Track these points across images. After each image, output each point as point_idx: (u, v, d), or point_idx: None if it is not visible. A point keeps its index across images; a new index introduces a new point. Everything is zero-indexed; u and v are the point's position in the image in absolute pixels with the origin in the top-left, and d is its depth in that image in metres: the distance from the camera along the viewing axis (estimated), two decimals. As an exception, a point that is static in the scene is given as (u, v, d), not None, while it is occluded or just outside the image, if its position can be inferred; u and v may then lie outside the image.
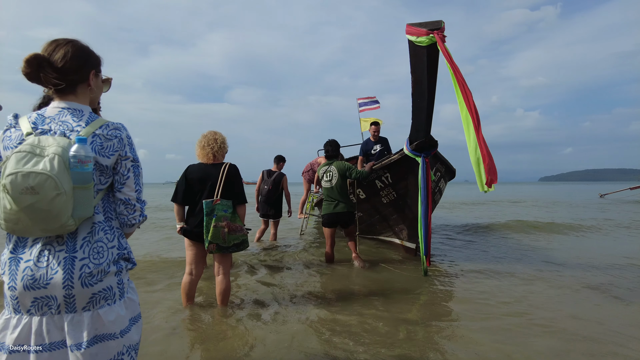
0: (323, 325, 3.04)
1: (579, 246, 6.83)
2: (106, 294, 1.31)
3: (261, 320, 3.16)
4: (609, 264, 5.17)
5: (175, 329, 2.97)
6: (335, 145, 5.37)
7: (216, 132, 3.33)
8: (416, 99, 4.00)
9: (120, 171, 1.40)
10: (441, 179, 5.92)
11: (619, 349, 2.58)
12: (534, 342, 2.68)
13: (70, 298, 1.25)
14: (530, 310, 3.31)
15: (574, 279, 4.38)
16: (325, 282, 4.42)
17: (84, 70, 1.39)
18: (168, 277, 4.56)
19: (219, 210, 3.07)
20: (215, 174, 3.19)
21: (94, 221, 1.33)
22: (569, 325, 2.99)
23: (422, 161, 4.38)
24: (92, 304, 1.28)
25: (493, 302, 3.56)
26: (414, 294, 3.88)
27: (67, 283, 1.24)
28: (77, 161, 1.22)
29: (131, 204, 1.43)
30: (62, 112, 1.34)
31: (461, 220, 11.13)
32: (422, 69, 3.68)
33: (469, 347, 2.60)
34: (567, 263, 5.28)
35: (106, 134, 1.35)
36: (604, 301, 3.63)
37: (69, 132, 1.31)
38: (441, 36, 3.34)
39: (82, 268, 1.26)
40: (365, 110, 10.42)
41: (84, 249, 1.29)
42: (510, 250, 6.39)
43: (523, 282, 4.26)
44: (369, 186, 5.48)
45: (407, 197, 5.24)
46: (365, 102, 10.44)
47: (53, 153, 1.19)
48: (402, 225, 5.65)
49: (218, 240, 3.05)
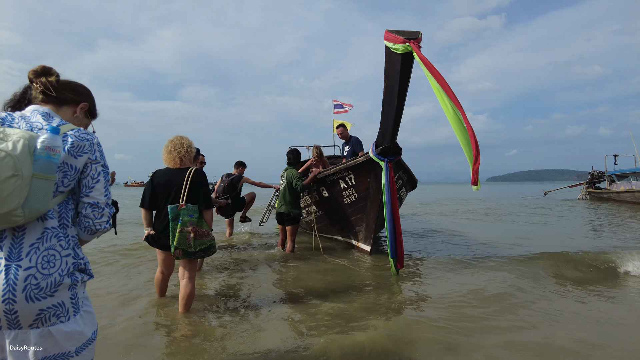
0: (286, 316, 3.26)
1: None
2: (57, 310, 1.15)
3: (223, 318, 3.27)
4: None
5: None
6: (295, 153, 5.96)
7: (182, 137, 3.32)
8: (386, 104, 4.06)
9: (90, 174, 1.32)
10: (402, 187, 6.08)
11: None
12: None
13: (12, 314, 1.08)
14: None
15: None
16: (287, 278, 4.57)
17: (79, 97, 1.47)
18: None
19: (185, 215, 3.03)
20: (180, 179, 3.15)
21: (46, 226, 1.19)
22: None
23: (385, 166, 4.47)
24: (40, 322, 1.12)
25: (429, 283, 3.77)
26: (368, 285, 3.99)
27: (7, 296, 1.07)
28: (44, 147, 1.14)
29: (100, 207, 1.33)
30: (33, 114, 1.32)
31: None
32: (395, 75, 3.75)
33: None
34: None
35: (78, 135, 1.31)
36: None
37: (37, 129, 1.26)
38: (417, 45, 3.45)
39: (28, 279, 1.10)
40: (338, 112, 11.11)
41: (30, 257, 1.12)
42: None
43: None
44: (333, 185, 5.56)
45: (367, 200, 5.34)
46: (340, 105, 11.12)
47: (19, 137, 1.12)
48: (360, 226, 5.74)
49: (184, 245, 2.99)
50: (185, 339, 2.80)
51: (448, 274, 4.71)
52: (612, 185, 22.01)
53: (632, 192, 19.26)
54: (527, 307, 3.45)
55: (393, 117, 4.09)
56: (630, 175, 21.06)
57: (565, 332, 2.90)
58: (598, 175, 24.20)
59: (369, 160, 4.79)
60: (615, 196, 20.79)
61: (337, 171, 5.37)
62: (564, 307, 3.49)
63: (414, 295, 3.90)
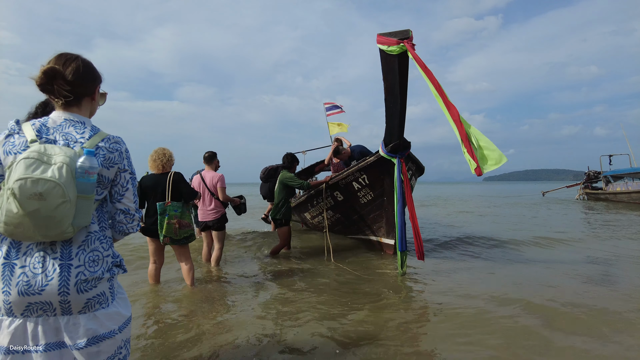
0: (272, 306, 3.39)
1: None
2: (100, 298, 1.37)
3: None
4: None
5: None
6: (289, 157, 6.07)
7: (164, 149, 4.14)
8: (389, 104, 4.18)
9: (120, 183, 1.48)
10: (412, 177, 6.26)
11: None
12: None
13: (66, 303, 1.29)
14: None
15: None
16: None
17: (92, 85, 1.48)
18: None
19: (170, 210, 3.87)
20: (163, 182, 3.98)
21: (89, 230, 1.38)
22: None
23: (397, 162, 4.58)
24: (87, 308, 1.33)
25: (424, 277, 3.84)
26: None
27: (62, 290, 1.28)
28: (84, 172, 1.28)
29: (131, 213, 1.52)
30: (65, 123, 1.40)
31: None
32: (394, 76, 3.85)
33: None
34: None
35: (108, 146, 1.43)
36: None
37: (72, 143, 1.37)
38: (411, 44, 3.50)
39: (78, 275, 1.31)
40: (332, 114, 10.92)
41: (79, 257, 1.33)
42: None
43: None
44: (346, 188, 5.70)
45: (384, 196, 5.49)
46: (330, 107, 10.91)
47: (61, 162, 1.24)
48: (380, 222, 5.88)
49: (171, 234, 3.87)
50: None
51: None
52: (608, 186, 22.13)
53: (628, 193, 19.39)
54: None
55: (398, 114, 4.23)
56: (625, 176, 21.18)
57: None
58: (594, 175, 24.31)
59: (380, 159, 4.93)
60: (612, 197, 20.92)
61: (349, 174, 5.52)
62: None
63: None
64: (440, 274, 4.78)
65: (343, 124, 10.82)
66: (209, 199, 5.06)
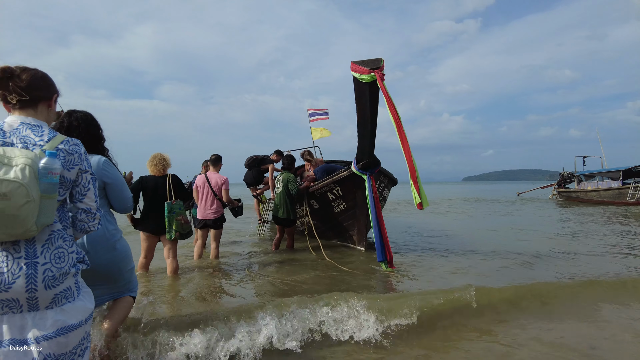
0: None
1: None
2: (66, 293, 1.45)
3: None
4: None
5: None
6: (289, 158, 6.39)
7: (162, 154, 4.47)
8: (360, 126, 4.58)
9: (82, 183, 1.54)
10: (385, 188, 6.80)
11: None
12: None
13: (33, 300, 1.36)
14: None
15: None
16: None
17: (47, 91, 1.55)
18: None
19: (177, 208, 4.26)
20: (162, 183, 4.32)
21: (52, 229, 1.45)
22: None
23: (367, 179, 4.97)
24: (54, 303, 1.41)
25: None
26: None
27: (30, 286, 1.34)
28: (47, 172, 1.34)
29: (92, 212, 1.59)
30: (22, 127, 1.44)
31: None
32: (365, 101, 4.25)
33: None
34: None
35: (68, 148, 1.48)
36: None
37: (31, 145, 1.41)
38: (380, 75, 3.89)
39: (45, 272, 1.38)
40: (317, 120, 10.89)
41: (44, 255, 1.40)
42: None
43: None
44: (322, 198, 6.12)
45: (355, 208, 5.92)
46: (315, 113, 10.89)
47: (23, 163, 1.29)
48: (353, 230, 6.32)
49: (180, 229, 4.26)
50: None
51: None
52: (580, 185, 23.13)
53: (597, 191, 20.40)
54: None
55: (369, 135, 4.62)
56: (597, 176, 22.23)
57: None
58: (568, 176, 25.34)
59: (353, 174, 5.33)
60: (582, 195, 21.89)
61: (324, 185, 5.93)
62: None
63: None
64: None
65: (325, 130, 11.03)
66: (212, 199, 5.32)
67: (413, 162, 3.98)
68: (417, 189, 4.05)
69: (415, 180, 4.05)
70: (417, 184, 4.05)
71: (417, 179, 4.07)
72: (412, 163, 3.96)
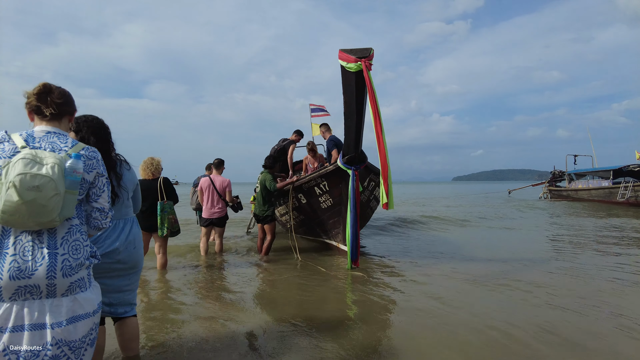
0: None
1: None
2: (80, 283, 1.63)
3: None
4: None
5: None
6: (271, 159, 6.30)
7: (154, 158, 4.73)
8: (347, 118, 4.34)
9: (98, 185, 1.75)
10: (376, 187, 6.44)
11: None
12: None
13: (52, 287, 1.54)
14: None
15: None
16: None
17: (72, 107, 1.78)
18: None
19: (168, 207, 4.66)
20: (154, 186, 4.64)
21: (71, 224, 1.64)
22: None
23: (352, 173, 4.75)
24: (69, 291, 1.59)
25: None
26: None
27: (50, 274, 1.52)
28: (72, 171, 1.57)
29: (105, 211, 1.78)
30: (49, 135, 1.67)
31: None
32: (351, 92, 4.01)
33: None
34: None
35: (88, 154, 1.70)
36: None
37: (58, 150, 1.63)
38: (367, 64, 3.67)
39: (64, 262, 1.57)
40: (317, 116, 10.83)
41: (64, 246, 1.59)
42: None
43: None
44: (309, 192, 5.87)
45: (341, 204, 5.66)
46: (317, 109, 10.83)
47: (53, 162, 1.51)
48: (338, 229, 6.06)
49: (171, 227, 4.69)
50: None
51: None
52: (571, 183, 23.21)
53: (588, 190, 20.46)
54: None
55: (354, 129, 4.38)
56: (587, 174, 22.29)
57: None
58: (559, 174, 25.42)
59: (339, 168, 5.10)
60: (573, 194, 21.97)
61: (311, 179, 5.69)
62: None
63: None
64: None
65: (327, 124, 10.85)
66: (217, 199, 5.89)
67: (387, 160, 3.79)
68: (386, 188, 3.92)
69: (385, 179, 3.91)
70: (386, 183, 3.92)
71: (388, 178, 3.97)
72: (385, 160, 3.78)
